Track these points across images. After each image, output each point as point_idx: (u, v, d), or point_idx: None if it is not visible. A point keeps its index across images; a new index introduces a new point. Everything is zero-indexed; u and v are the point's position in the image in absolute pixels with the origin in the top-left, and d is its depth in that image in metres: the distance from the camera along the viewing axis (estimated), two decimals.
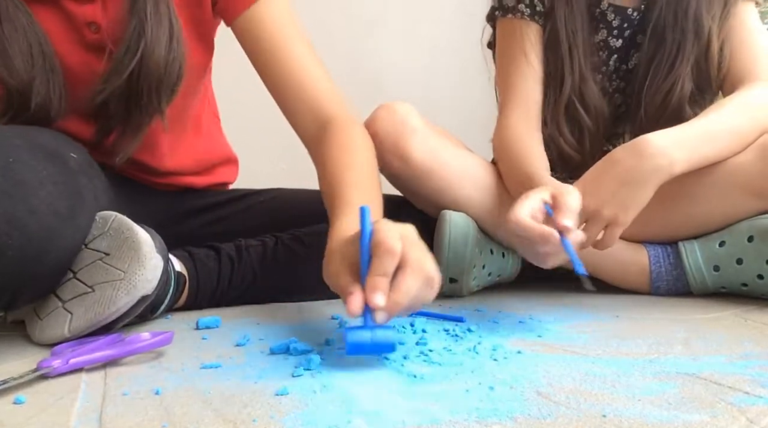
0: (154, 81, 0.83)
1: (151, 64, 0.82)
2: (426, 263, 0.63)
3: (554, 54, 1.05)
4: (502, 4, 1.09)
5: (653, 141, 0.89)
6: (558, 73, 1.05)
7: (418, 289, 0.62)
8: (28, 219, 0.67)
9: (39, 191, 0.69)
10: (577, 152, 1.06)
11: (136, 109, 0.85)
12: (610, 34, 1.07)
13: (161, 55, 0.83)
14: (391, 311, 0.61)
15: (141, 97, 0.84)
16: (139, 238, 0.75)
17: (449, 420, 0.49)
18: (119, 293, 0.73)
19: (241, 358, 0.67)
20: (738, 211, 0.97)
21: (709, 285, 1.00)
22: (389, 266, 0.61)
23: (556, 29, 1.04)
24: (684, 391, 0.55)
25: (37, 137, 0.76)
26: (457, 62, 1.90)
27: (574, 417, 0.49)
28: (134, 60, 0.82)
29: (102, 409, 0.52)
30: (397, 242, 0.61)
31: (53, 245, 0.70)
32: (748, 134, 0.95)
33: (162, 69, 0.83)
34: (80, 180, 0.76)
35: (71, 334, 0.73)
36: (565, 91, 1.04)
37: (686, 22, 1.01)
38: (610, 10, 1.06)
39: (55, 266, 0.73)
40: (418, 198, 1.07)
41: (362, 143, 0.87)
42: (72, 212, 0.73)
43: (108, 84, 0.83)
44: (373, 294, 0.60)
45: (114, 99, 0.84)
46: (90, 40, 0.86)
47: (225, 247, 0.97)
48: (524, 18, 1.07)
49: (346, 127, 0.88)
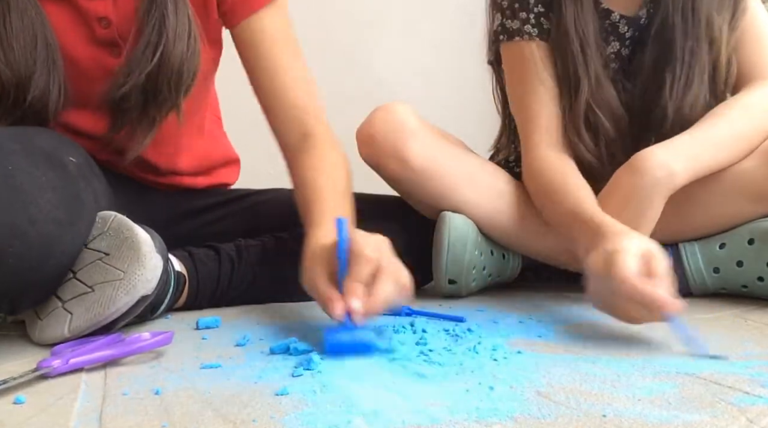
0: (174, 76, 0.83)
1: (172, 59, 0.82)
2: (400, 272, 0.70)
3: (565, 57, 0.98)
4: (506, 28, 1.02)
5: (651, 155, 0.88)
6: (571, 77, 0.98)
7: (393, 294, 0.68)
8: (28, 228, 0.67)
9: (38, 199, 0.69)
10: (597, 159, 0.99)
11: (153, 104, 0.85)
12: (622, 45, 1.02)
13: (182, 50, 0.83)
14: (367, 315, 0.66)
15: (159, 91, 0.84)
16: (139, 238, 0.75)
17: (449, 420, 0.49)
18: (119, 293, 0.73)
19: (241, 358, 0.67)
20: (740, 215, 0.97)
21: (709, 286, 0.99)
22: (366, 274, 0.67)
23: (567, 31, 0.97)
24: (684, 391, 0.55)
25: (34, 140, 0.75)
26: (457, 62, 1.90)
27: (574, 417, 0.49)
28: (156, 55, 0.82)
29: (102, 409, 0.52)
30: (374, 251, 0.68)
31: (53, 252, 0.71)
32: (751, 140, 0.94)
33: (181, 64, 0.83)
34: (79, 184, 0.76)
35: (71, 334, 0.73)
36: (582, 96, 0.97)
37: (699, 27, 0.96)
38: (623, 23, 1.00)
39: (54, 272, 0.73)
40: (417, 201, 1.06)
41: (338, 161, 0.91)
42: (71, 217, 0.73)
43: (129, 78, 0.83)
44: (352, 299, 0.66)
45: (133, 93, 0.84)
46: (100, 35, 0.86)
47: (225, 247, 0.97)
48: (533, 39, 1.00)
49: (325, 143, 0.92)
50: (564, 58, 0.98)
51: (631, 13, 1.01)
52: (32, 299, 0.74)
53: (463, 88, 1.88)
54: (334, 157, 0.91)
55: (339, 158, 0.91)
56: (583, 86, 0.97)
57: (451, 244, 0.99)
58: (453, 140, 1.10)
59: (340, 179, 0.88)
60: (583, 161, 0.99)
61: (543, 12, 1.00)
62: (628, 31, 1.01)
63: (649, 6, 1.00)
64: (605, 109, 0.98)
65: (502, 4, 1.03)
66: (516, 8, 1.01)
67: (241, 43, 0.94)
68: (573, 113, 0.98)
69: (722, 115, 0.94)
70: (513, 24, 1.01)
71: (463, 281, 1.01)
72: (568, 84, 0.98)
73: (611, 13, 1.00)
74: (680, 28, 0.96)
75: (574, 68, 0.97)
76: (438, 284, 1.02)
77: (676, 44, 0.97)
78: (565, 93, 0.99)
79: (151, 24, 0.82)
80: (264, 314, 0.90)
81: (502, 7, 1.03)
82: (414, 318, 0.86)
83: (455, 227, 1.00)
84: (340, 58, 1.94)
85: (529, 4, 1.00)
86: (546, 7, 1.00)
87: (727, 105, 0.96)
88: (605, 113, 0.98)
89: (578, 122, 0.98)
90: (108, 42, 0.86)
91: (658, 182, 0.87)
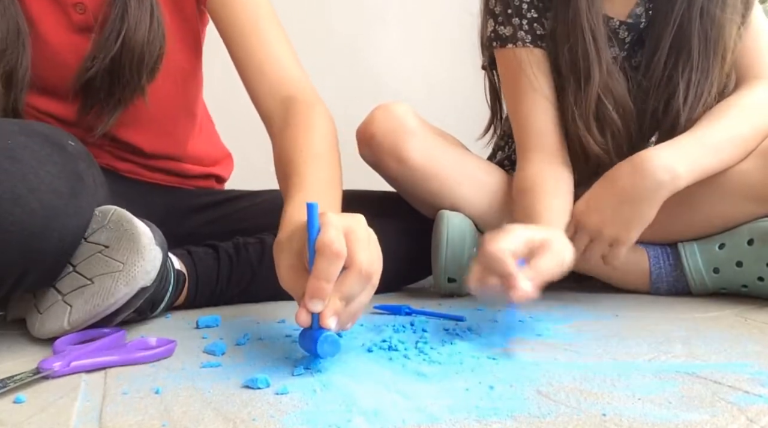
0: (135, 59, 0.89)
1: (133, 44, 0.88)
2: (372, 265, 0.61)
3: (574, 49, 0.95)
4: (499, 34, 1.01)
5: (654, 157, 0.87)
6: (581, 68, 0.95)
7: (360, 291, 0.61)
8: (28, 196, 0.67)
9: (38, 169, 0.69)
10: (605, 151, 0.98)
11: (119, 86, 0.91)
12: (621, 50, 1.01)
13: (143, 35, 0.88)
14: (334, 317, 0.60)
15: (123, 74, 0.90)
16: (139, 230, 0.75)
17: (449, 419, 0.49)
18: (118, 284, 0.73)
19: (241, 358, 0.67)
20: (739, 215, 0.97)
21: (709, 286, 1.00)
22: (333, 271, 0.58)
23: (577, 22, 0.94)
24: (684, 390, 0.55)
25: (33, 126, 0.77)
26: (457, 62, 1.89)
27: (574, 416, 0.49)
28: (119, 40, 0.87)
29: (102, 408, 0.52)
30: (342, 244, 0.59)
31: (56, 224, 0.70)
32: (750, 142, 0.94)
33: (143, 47, 0.89)
34: (79, 164, 0.76)
35: (71, 326, 0.73)
36: (593, 86, 0.95)
37: (711, 28, 0.94)
38: (623, 29, 1.00)
39: (58, 246, 0.72)
40: (416, 199, 1.07)
41: (322, 122, 0.86)
42: (73, 191, 0.73)
43: (95, 61, 0.89)
44: (312, 302, 0.58)
45: (98, 77, 0.90)
46: (76, 20, 0.91)
47: (223, 245, 0.97)
48: (526, 45, 0.99)
49: (307, 107, 0.87)
50: (573, 49, 0.96)
51: (623, 16, 1.00)
52: (37, 275, 0.73)
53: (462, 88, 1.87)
54: (315, 119, 0.86)
55: (321, 120, 0.86)
56: (594, 76, 0.95)
57: (449, 242, 0.99)
58: (452, 139, 1.10)
59: (320, 142, 0.83)
60: (590, 153, 0.98)
61: (536, 18, 1.00)
62: (627, 36, 1.01)
63: (647, 6, 1.00)
64: (614, 99, 0.97)
65: (494, 11, 1.02)
66: (509, 14, 1.00)
67: (216, 18, 0.96)
68: (582, 104, 0.96)
69: (723, 116, 0.94)
70: (506, 30, 1.00)
71: (463, 279, 1.01)
72: (577, 76, 0.96)
73: (610, 19, 0.99)
74: (697, 35, 0.95)
75: (585, 58, 0.95)
76: (437, 282, 1.03)
77: (692, 51, 0.95)
78: (573, 85, 0.97)
79: (114, 11, 0.88)
80: (264, 314, 0.90)
81: (494, 13, 1.02)
82: (414, 317, 0.86)
83: (453, 226, 1.00)
84: (340, 57, 1.94)
85: (522, 9, 0.99)
86: (539, 13, 1.00)
87: (727, 105, 0.95)
88: (613, 103, 0.97)
89: (588, 113, 0.96)
90: (84, 27, 0.91)
91: (660, 185, 0.87)
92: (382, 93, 1.57)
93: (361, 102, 1.19)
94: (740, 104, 0.95)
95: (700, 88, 0.95)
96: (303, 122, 0.85)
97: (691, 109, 0.95)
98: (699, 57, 0.95)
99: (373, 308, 0.91)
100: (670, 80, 0.97)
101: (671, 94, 0.97)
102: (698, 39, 0.95)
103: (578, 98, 0.96)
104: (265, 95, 0.91)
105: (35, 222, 0.68)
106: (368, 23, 2.00)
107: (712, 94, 0.96)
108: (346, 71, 1.93)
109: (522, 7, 1.00)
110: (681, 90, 0.96)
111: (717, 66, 0.96)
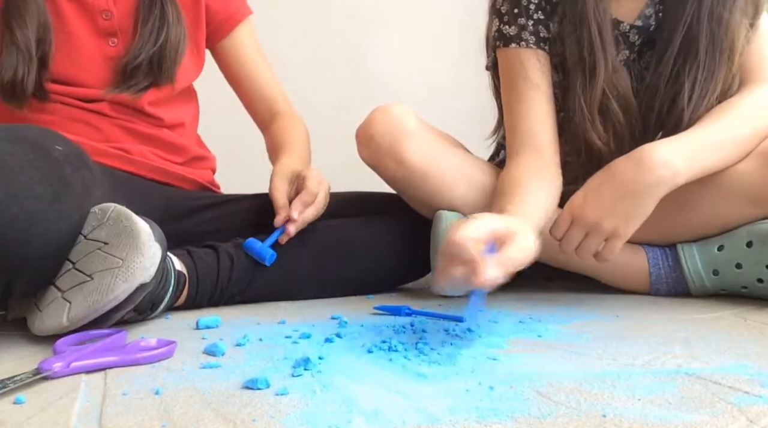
0: (172, 51, 1.07)
1: (172, 38, 1.07)
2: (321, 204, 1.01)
3: (581, 43, 0.95)
4: (503, 34, 1.01)
5: (656, 152, 0.87)
6: (586, 62, 0.95)
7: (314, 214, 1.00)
8: (9, 203, 0.67)
9: (19, 175, 0.69)
10: (607, 146, 0.98)
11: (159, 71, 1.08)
12: (632, 52, 1.01)
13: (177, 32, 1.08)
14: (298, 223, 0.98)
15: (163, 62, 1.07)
16: (138, 227, 0.75)
17: (449, 420, 0.49)
18: (117, 280, 0.73)
19: (240, 359, 0.67)
20: (738, 217, 0.97)
21: (709, 288, 1.00)
22: (308, 201, 0.99)
23: (584, 17, 0.94)
24: (684, 391, 0.55)
25: (21, 131, 0.77)
26: (457, 62, 1.90)
27: (574, 417, 0.49)
28: (162, 33, 1.06)
29: (102, 409, 0.52)
30: (316, 186, 1.00)
31: (37, 229, 0.70)
32: (749, 142, 0.94)
33: (178, 42, 1.08)
34: (65, 169, 0.76)
35: (70, 323, 0.73)
36: (598, 80, 0.95)
37: (718, 29, 0.94)
38: (633, 32, 1.00)
39: (42, 252, 0.72)
40: (414, 200, 1.07)
41: (297, 126, 1.22)
42: (56, 196, 0.73)
43: (143, 50, 1.05)
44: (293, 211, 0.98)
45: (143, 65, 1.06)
46: (102, 26, 1.05)
47: (223, 246, 0.98)
48: (529, 47, 0.99)
49: (288, 116, 1.23)
50: (580, 43, 0.96)
51: (632, 18, 1.00)
52: (27, 281, 0.74)
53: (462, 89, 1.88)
54: (294, 124, 1.21)
55: (300, 126, 1.22)
56: (600, 70, 0.95)
57: None
58: (451, 140, 1.10)
59: (299, 137, 1.19)
60: (592, 147, 0.98)
61: (542, 20, 1.00)
62: (638, 39, 1.01)
63: (657, 8, 1.00)
64: (618, 94, 0.97)
65: (500, 10, 1.02)
66: (515, 14, 1.00)
67: (224, 54, 1.22)
68: (588, 98, 0.96)
69: (724, 115, 0.94)
70: (510, 30, 1.00)
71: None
72: (583, 69, 0.96)
73: (620, 23, 1.00)
74: (705, 36, 0.95)
75: (591, 52, 0.95)
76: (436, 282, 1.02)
77: (699, 51, 0.95)
78: (579, 79, 0.97)
79: (154, 11, 1.06)
80: (264, 314, 0.90)
81: (500, 12, 1.02)
82: (414, 318, 0.86)
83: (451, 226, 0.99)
84: (340, 58, 1.94)
85: (529, 10, 1.00)
86: (546, 16, 1.00)
87: (729, 106, 0.96)
88: (617, 98, 0.97)
89: (593, 107, 0.96)
90: (108, 32, 1.05)
91: (662, 180, 0.87)
92: (383, 94, 1.57)
93: (362, 103, 1.20)
94: (741, 105, 0.96)
95: (705, 88, 0.96)
96: (286, 125, 1.20)
97: (695, 107, 0.96)
98: (706, 57, 0.95)
99: (373, 309, 0.91)
100: (677, 79, 0.97)
101: (677, 92, 0.97)
102: (706, 39, 0.95)
103: (584, 92, 0.97)
104: (261, 111, 1.24)
105: (16, 228, 0.68)
106: (369, 25, 2.01)
107: (716, 94, 0.96)
108: (347, 73, 1.93)
109: (529, 8, 1.00)
110: (686, 89, 0.96)
111: (723, 67, 0.96)
